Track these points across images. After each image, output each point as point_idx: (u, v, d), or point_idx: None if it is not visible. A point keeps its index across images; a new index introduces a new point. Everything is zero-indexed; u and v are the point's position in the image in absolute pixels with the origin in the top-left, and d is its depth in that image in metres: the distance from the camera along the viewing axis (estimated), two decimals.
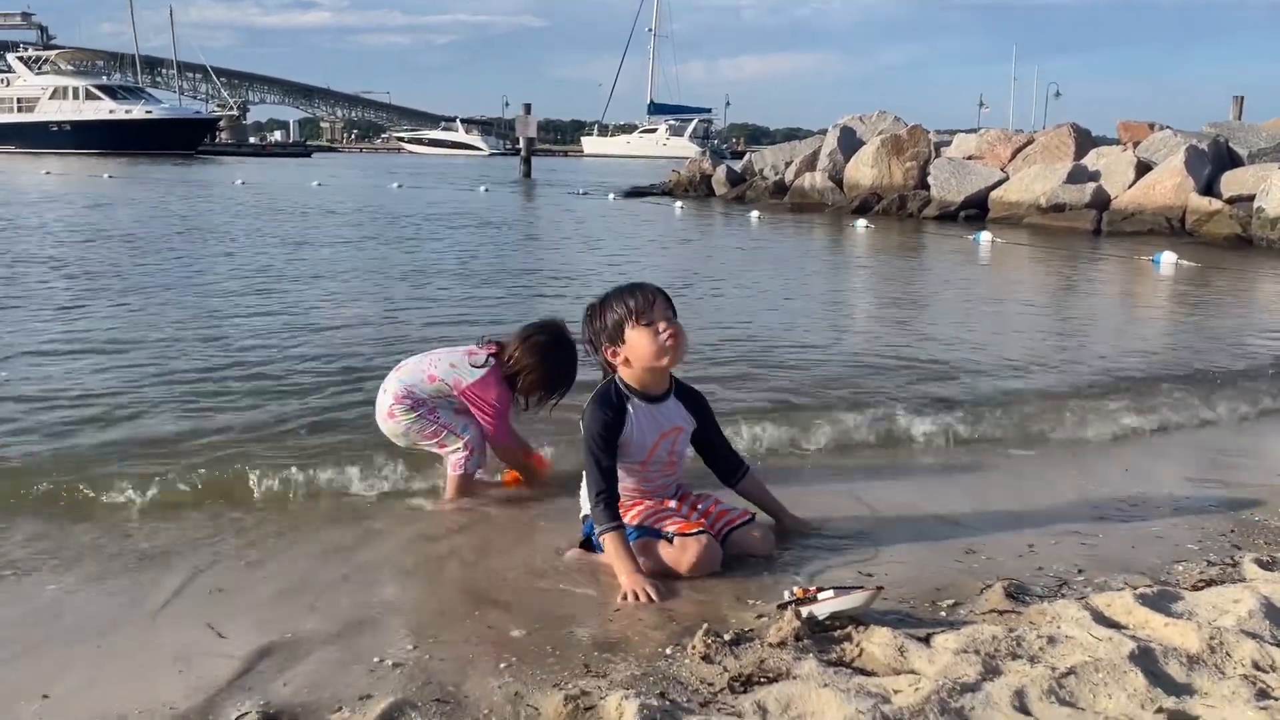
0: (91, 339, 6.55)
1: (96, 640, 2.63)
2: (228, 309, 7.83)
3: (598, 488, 3.00)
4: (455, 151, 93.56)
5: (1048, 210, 17.88)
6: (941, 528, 3.48)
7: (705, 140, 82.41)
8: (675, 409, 3.21)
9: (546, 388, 3.74)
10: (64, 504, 3.63)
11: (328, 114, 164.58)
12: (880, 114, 24.73)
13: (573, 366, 3.74)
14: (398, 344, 6.26)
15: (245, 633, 2.64)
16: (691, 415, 3.25)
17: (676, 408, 3.21)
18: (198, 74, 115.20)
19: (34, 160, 48.13)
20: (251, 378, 5.54)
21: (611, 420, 3.04)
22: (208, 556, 3.18)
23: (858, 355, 6.53)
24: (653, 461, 3.17)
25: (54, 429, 4.53)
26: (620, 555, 2.92)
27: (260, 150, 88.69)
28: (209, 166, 48.02)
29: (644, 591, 2.83)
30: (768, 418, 4.67)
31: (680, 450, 3.25)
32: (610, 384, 3.13)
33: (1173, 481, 4.07)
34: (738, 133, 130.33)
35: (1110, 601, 2.69)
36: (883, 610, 2.69)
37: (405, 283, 9.62)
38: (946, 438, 4.61)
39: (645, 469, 3.17)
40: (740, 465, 3.40)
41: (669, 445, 3.19)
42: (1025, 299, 10.05)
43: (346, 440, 4.40)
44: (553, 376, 3.73)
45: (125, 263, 10.77)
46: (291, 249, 12.61)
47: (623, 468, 3.11)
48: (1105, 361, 6.47)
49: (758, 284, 10.35)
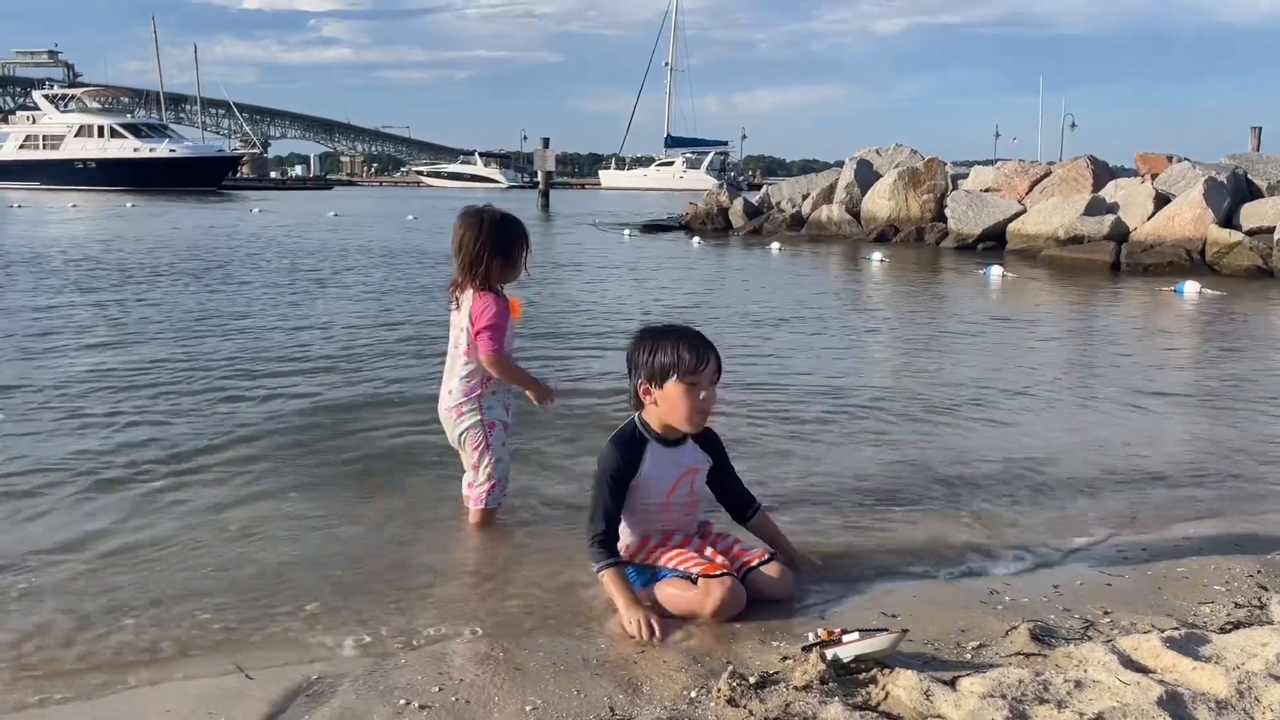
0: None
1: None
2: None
3: (597, 528, 3.05)
4: (474, 185, 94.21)
5: (1066, 242, 17.84)
6: (963, 567, 3.48)
7: (722, 173, 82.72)
8: (692, 450, 3.24)
9: (511, 249, 3.68)
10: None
11: (348, 148, 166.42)
12: (896, 146, 24.81)
13: (501, 219, 3.70)
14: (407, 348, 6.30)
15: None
16: (707, 454, 3.27)
17: (693, 449, 3.24)
18: (221, 110, 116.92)
19: (58, 195, 48.97)
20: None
21: (625, 465, 3.09)
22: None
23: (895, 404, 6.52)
24: (673, 502, 3.19)
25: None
26: (619, 590, 2.97)
27: (281, 185, 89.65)
28: (233, 203, 48.50)
29: (644, 624, 2.86)
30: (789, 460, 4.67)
31: (700, 489, 3.28)
32: (631, 425, 3.17)
33: (1197, 521, 4.04)
34: (754, 165, 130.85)
35: (1137, 645, 2.68)
36: (907, 652, 2.68)
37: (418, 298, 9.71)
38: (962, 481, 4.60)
39: (666, 508, 3.19)
40: (753, 503, 3.41)
41: (688, 485, 3.22)
42: (1037, 337, 10.01)
43: (369, 473, 4.44)
44: (502, 238, 3.67)
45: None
46: (322, 277, 12.75)
47: (644, 507, 3.15)
48: (1132, 395, 6.45)
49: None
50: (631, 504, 3.14)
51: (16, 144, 73.16)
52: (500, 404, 3.78)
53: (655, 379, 3.07)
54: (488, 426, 3.73)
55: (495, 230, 3.67)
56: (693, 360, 3.03)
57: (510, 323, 3.69)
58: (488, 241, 3.64)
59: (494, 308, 3.64)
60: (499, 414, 3.77)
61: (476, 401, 3.73)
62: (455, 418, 3.77)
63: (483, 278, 3.66)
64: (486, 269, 3.65)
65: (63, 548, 3.62)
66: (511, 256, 3.69)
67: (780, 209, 25.23)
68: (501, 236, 3.67)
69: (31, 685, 2.64)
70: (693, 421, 3.09)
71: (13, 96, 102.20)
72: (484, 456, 3.76)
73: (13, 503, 4.09)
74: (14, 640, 2.88)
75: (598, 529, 3.05)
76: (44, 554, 3.55)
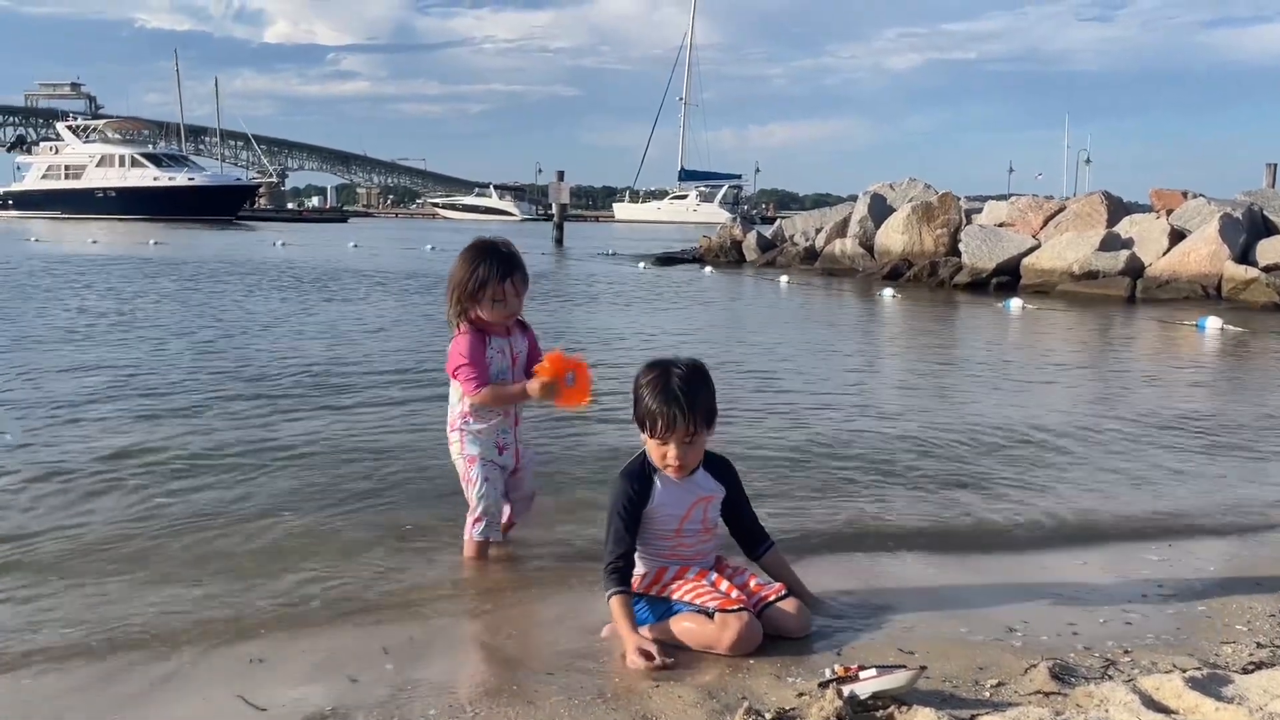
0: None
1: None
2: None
3: (612, 556, 3.07)
4: (489, 217, 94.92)
5: (1081, 278, 17.82)
6: (981, 603, 3.44)
7: (735, 206, 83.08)
8: (704, 479, 3.23)
9: (484, 281, 3.56)
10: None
11: (364, 180, 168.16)
12: (910, 181, 24.87)
13: (481, 247, 3.63)
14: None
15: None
16: (720, 482, 3.27)
17: (705, 478, 3.24)
18: (239, 141, 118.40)
19: (79, 226, 49.36)
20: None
21: (635, 496, 3.10)
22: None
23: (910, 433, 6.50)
24: (686, 531, 3.19)
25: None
26: (623, 618, 2.98)
27: (298, 216, 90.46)
28: (253, 234, 48.90)
29: (640, 653, 2.87)
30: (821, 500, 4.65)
31: (713, 517, 3.27)
32: (640, 457, 3.19)
33: (1218, 560, 4.01)
34: (767, 198, 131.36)
35: (1159, 685, 2.64)
36: (925, 690, 2.66)
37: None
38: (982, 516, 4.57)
39: (679, 536, 3.18)
40: (765, 539, 3.38)
41: (700, 513, 3.21)
42: (1055, 361, 9.98)
43: (381, 509, 4.44)
44: (468, 268, 3.58)
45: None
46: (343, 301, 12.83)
47: (658, 536, 3.15)
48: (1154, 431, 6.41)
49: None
50: (645, 534, 3.14)
51: (39, 174, 74.17)
52: (489, 442, 3.72)
53: (641, 425, 3.13)
54: (468, 460, 3.72)
55: (462, 267, 3.63)
56: (660, 425, 3.05)
57: (486, 349, 3.59)
58: (457, 281, 3.63)
59: (461, 346, 3.61)
60: (482, 450, 3.71)
61: (459, 434, 3.74)
62: (450, 447, 3.80)
63: (459, 316, 3.65)
64: (461, 308, 3.63)
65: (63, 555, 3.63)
66: (477, 296, 3.58)
67: (794, 242, 25.31)
68: (468, 274, 3.60)
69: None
70: (670, 471, 3.12)
71: (36, 128, 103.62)
72: (469, 490, 3.75)
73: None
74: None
75: (611, 557, 3.07)
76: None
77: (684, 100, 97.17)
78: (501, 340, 3.67)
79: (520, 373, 3.69)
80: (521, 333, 3.76)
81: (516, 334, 3.73)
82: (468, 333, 3.62)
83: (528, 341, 3.78)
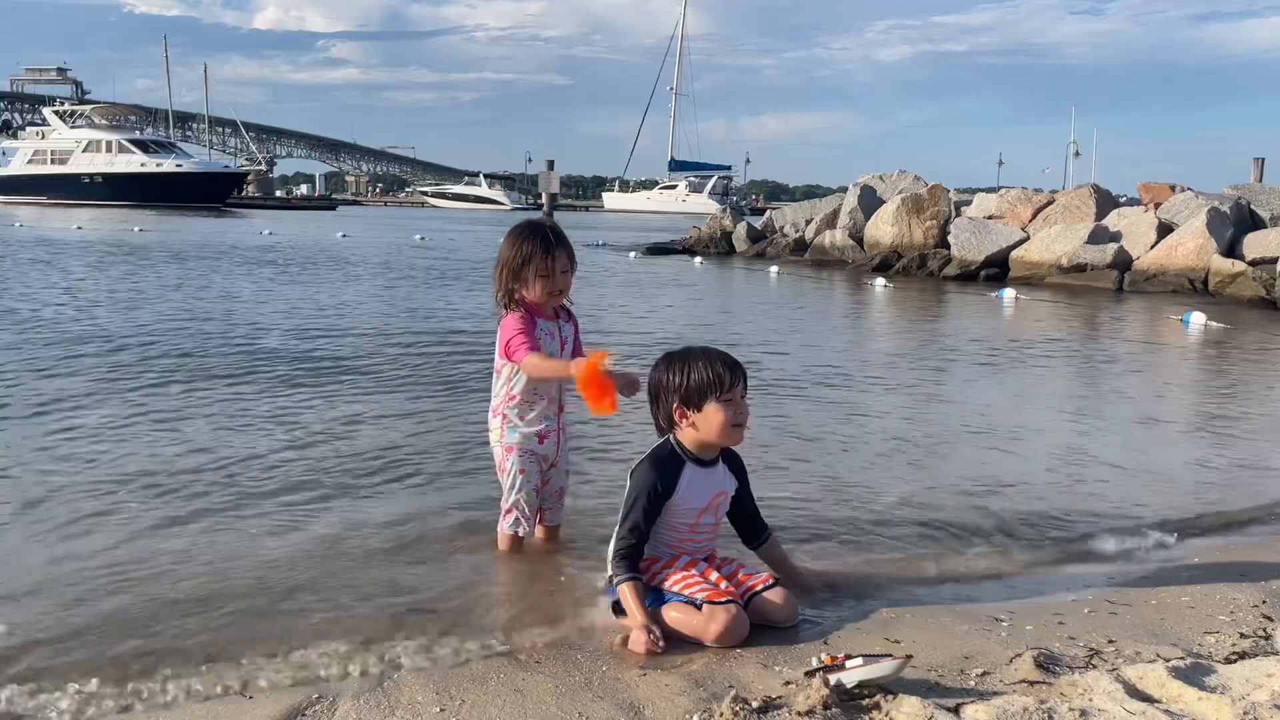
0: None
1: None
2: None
3: (626, 543, 3.05)
4: (478, 206, 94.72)
5: (1069, 270, 17.89)
6: (967, 594, 3.47)
7: (725, 197, 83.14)
8: (724, 474, 3.24)
9: (528, 256, 3.55)
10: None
11: (353, 168, 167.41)
12: (900, 173, 24.91)
13: (526, 226, 3.64)
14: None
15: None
16: (735, 478, 3.28)
17: (724, 472, 3.24)
18: (228, 128, 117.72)
19: (66, 212, 48.91)
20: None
21: (663, 484, 3.08)
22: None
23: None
24: (700, 525, 3.19)
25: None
26: (634, 605, 2.98)
27: (286, 204, 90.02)
28: (241, 220, 48.65)
29: (650, 640, 2.88)
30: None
31: (724, 513, 3.28)
32: (668, 444, 3.15)
33: (1202, 552, 4.03)
34: (757, 189, 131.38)
35: (1143, 674, 2.66)
36: (911, 679, 2.67)
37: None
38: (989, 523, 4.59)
39: (693, 531, 3.18)
40: (765, 529, 3.40)
41: (716, 508, 3.22)
42: (1044, 354, 10.02)
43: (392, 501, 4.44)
44: (514, 247, 3.58)
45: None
46: (338, 286, 12.80)
47: (672, 528, 3.14)
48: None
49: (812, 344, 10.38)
50: (661, 523, 3.13)
51: (25, 159, 73.57)
52: (530, 431, 3.65)
53: (691, 402, 3.08)
54: (505, 449, 3.66)
55: (508, 247, 3.61)
56: (729, 378, 3.06)
57: (535, 329, 3.54)
58: (504, 260, 3.60)
59: (512, 321, 3.55)
60: (521, 440, 3.65)
61: (500, 419, 3.67)
62: (490, 434, 3.75)
63: (506, 299, 3.61)
64: (508, 288, 3.60)
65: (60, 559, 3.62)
66: (523, 274, 3.56)
67: (784, 234, 25.31)
68: (514, 252, 3.58)
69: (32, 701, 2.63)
70: (733, 436, 3.11)
71: (22, 114, 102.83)
72: (504, 479, 3.71)
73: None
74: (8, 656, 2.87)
75: (626, 543, 3.05)
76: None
77: (675, 90, 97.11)
78: (549, 324, 3.62)
79: (568, 358, 3.63)
80: (568, 319, 3.73)
81: (564, 319, 3.70)
82: (518, 312, 3.57)
83: (574, 328, 3.75)
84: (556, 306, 3.68)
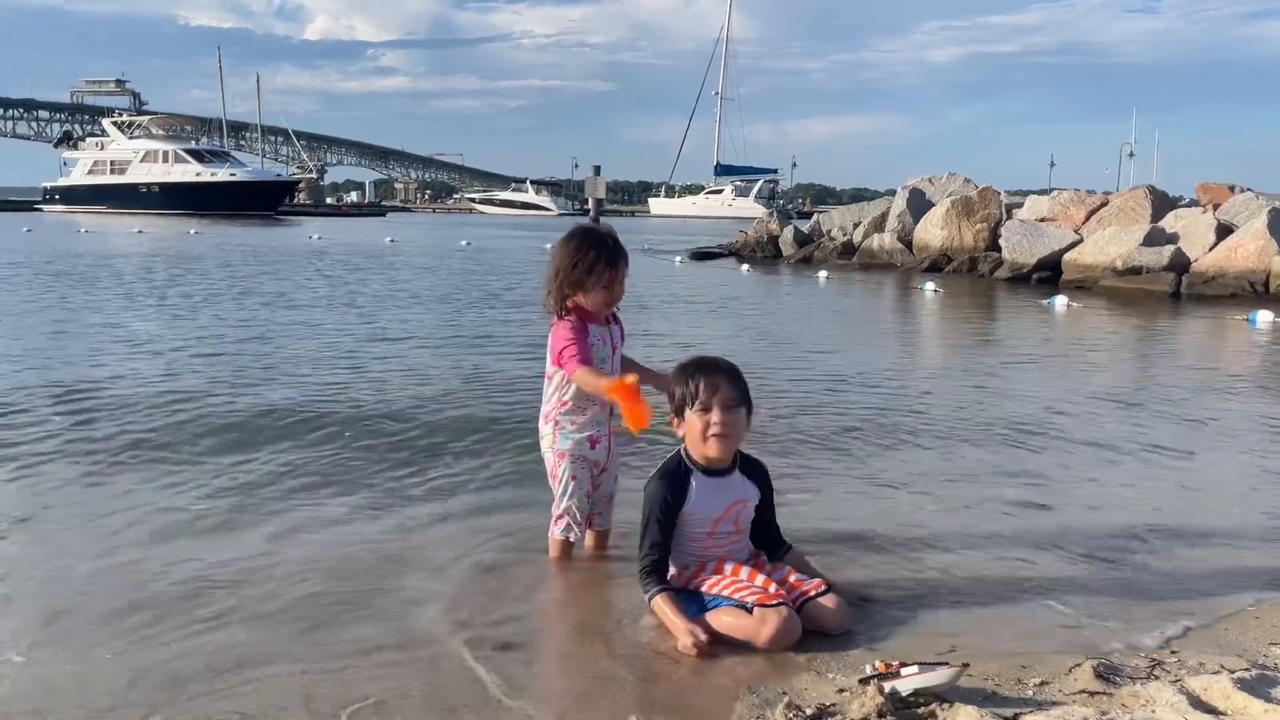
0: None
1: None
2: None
3: (649, 557, 3.12)
4: (525, 212, 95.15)
5: (1124, 273, 17.54)
6: (1025, 600, 3.42)
7: (771, 200, 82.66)
8: (741, 482, 3.25)
9: (591, 266, 3.54)
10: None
11: (402, 175, 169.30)
12: (950, 175, 24.64)
13: (588, 233, 3.63)
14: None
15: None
16: (756, 487, 3.28)
17: (742, 481, 3.25)
18: (279, 137, 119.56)
19: (124, 219, 50.10)
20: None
21: (671, 497, 3.13)
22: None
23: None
24: (719, 531, 3.20)
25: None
26: (672, 613, 3.01)
27: (336, 210, 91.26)
28: (292, 227, 49.43)
29: (699, 639, 2.90)
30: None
31: (745, 521, 3.28)
32: (676, 457, 3.21)
33: (1266, 561, 3.94)
34: (803, 193, 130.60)
35: (1207, 685, 2.61)
36: (967, 688, 2.64)
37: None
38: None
39: (712, 537, 3.20)
40: (784, 543, 3.39)
41: (734, 517, 3.22)
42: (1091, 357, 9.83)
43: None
44: (576, 254, 3.56)
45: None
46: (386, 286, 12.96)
47: (690, 538, 3.18)
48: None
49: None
50: (679, 535, 3.16)
51: (85, 169, 75.43)
52: (583, 437, 3.65)
53: (679, 411, 3.18)
54: (558, 456, 3.67)
55: (568, 253, 3.59)
56: (704, 389, 3.11)
57: (588, 336, 3.55)
58: (561, 266, 3.59)
59: (565, 330, 3.55)
60: (574, 446, 3.65)
61: (552, 426, 3.68)
62: (540, 440, 3.77)
63: (559, 305, 3.62)
64: (562, 295, 3.60)
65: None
66: (584, 283, 3.56)
67: (831, 237, 25.14)
68: (576, 260, 3.57)
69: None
70: (711, 445, 3.12)
71: (82, 125, 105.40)
72: (555, 486, 3.71)
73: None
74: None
75: (649, 559, 3.11)
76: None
77: (720, 95, 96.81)
78: (601, 329, 3.64)
79: (619, 361, 3.69)
80: (615, 322, 3.75)
81: (613, 323, 3.73)
82: (570, 319, 3.59)
83: (620, 331, 3.77)
84: (609, 313, 3.70)
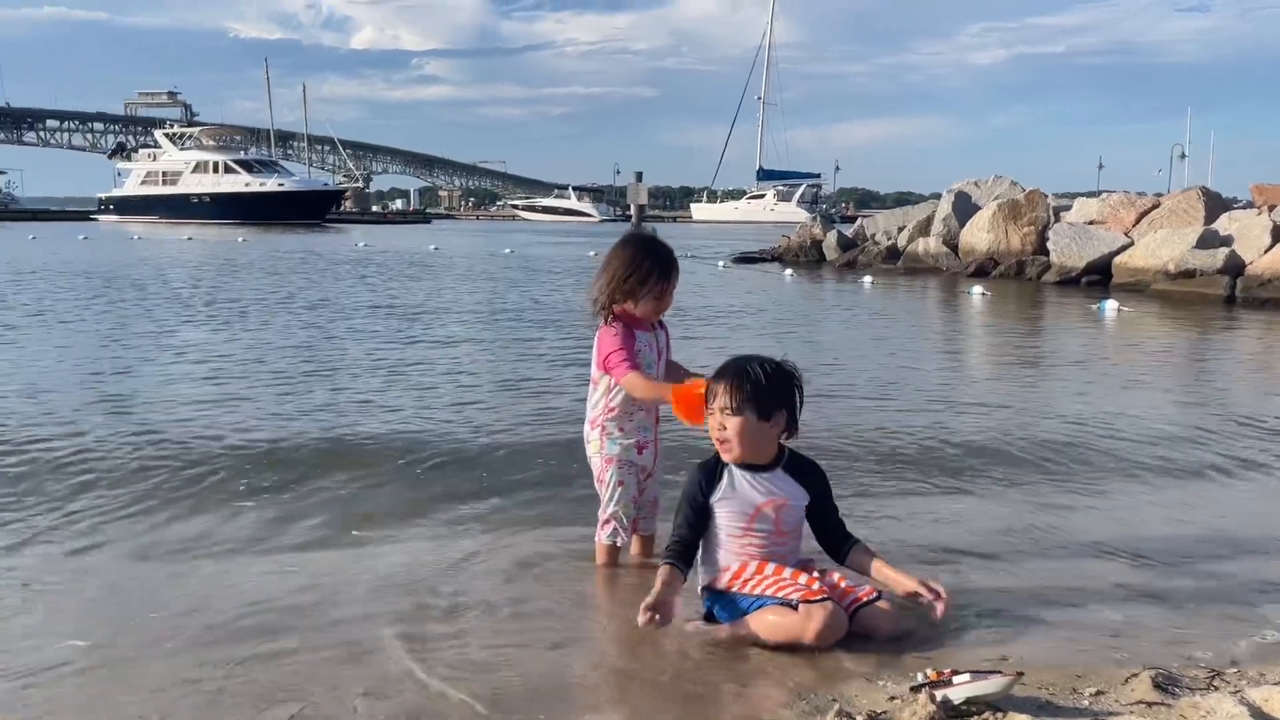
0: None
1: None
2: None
3: (673, 536, 3.19)
4: (567, 218, 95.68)
5: (1176, 276, 17.20)
6: (1080, 609, 3.36)
7: (814, 205, 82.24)
8: (783, 480, 3.21)
9: (646, 277, 3.56)
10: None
11: (446, 183, 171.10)
12: (996, 178, 24.35)
13: (644, 243, 3.64)
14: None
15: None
16: (805, 489, 3.24)
17: (785, 480, 3.22)
18: (326, 146, 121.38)
19: (174, 228, 51.16)
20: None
21: (703, 485, 3.18)
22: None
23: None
24: (755, 527, 3.17)
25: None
26: (660, 581, 3.04)
27: (382, 218, 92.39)
28: (340, 235, 50.07)
29: (649, 618, 2.89)
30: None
31: (789, 522, 3.22)
32: (717, 453, 3.22)
33: None
34: (847, 197, 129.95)
35: (1268, 697, 2.55)
36: (1021, 697, 2.60)
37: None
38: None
39: (748, 534, 3.17)
40: (849, 538, 3.33)
41: (773, 514, 3.18)
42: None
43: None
44: (631, 263, 3.57)
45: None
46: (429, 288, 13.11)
47: (727, 530, 3.17)
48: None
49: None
50: (716, 528, 3.17)
51: (138, 180, 77.16)
52: (630, 443, 3.67)
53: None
54: (605, 460, 3.68)
55: (623, 261, 3.61)
56: (715, 394, 3.17)
57: (635, 341, 3.56)
58: (615, 272, 3.60)
59: (612, 336, 3.57)
60: (621, 452, 3.67)
61: (599, 431, 3.69)
62: (586, 445, 3.78)
63: (606, 311, 3.63)
64: (612, 300, 3.61)
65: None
66: (636, 292, 3.57)
67: (875, 241, 24.98)
68: (631, 268, 3.58)
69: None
70: (720, 448, 3.18)
71: (135, 136, 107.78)
72: (602, 491, 3.72)
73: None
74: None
75: (676, 536, 3.19)
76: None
77: (763, 99, 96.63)
78: (647, 335, 3.65)
79: (664, 367, 3.70)
80: (661, 328, 3.76)
81: (659, 329, 3.74)
82: (617, 325, 3.60)
83: (666, 337, 3.78)
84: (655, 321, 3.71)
